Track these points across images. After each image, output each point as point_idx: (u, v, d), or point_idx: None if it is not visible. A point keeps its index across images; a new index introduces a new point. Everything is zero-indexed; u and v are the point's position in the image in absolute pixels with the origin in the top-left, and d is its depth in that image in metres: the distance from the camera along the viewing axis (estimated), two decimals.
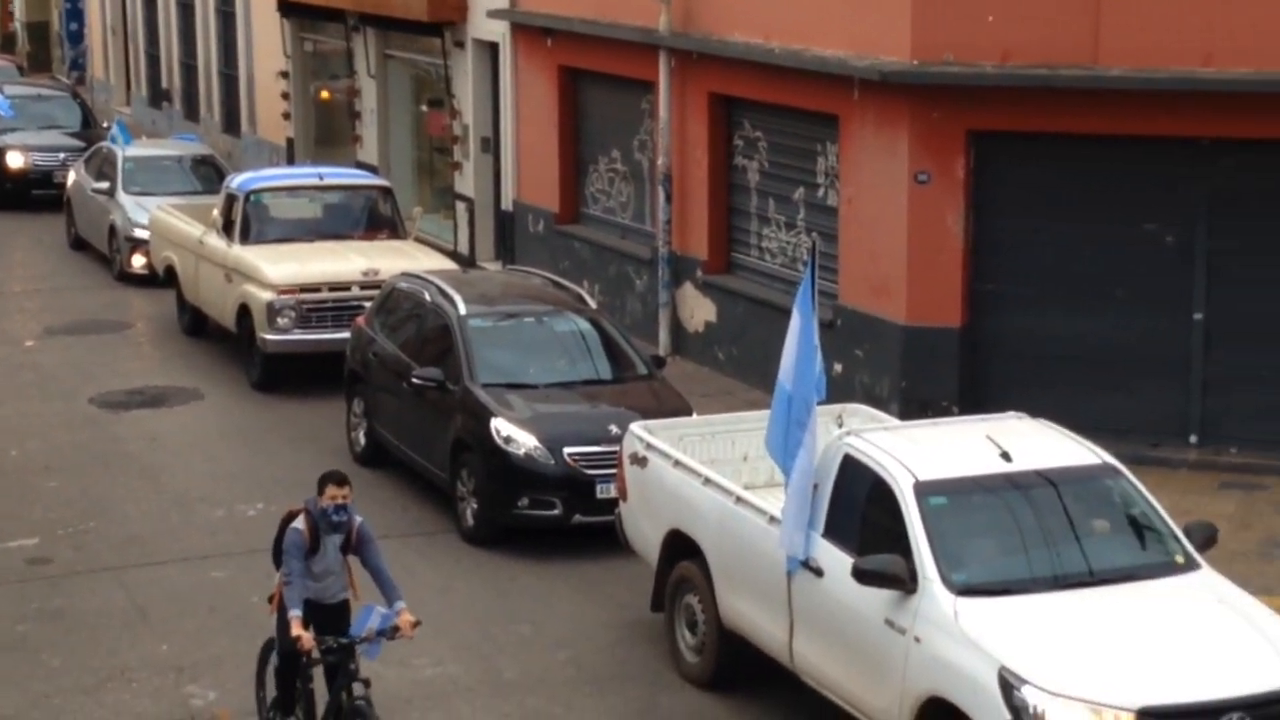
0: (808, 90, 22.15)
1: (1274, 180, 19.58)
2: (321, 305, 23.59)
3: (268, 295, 23.54)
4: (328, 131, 36.93)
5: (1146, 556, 13.52)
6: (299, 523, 13.00)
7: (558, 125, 27.99)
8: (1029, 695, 11.89)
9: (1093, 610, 12.71)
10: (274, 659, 13.42)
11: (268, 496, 19.74)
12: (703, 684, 15.18)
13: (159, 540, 18.66)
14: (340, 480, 13.01)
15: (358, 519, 13.10)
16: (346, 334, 21.97)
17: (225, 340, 25.37)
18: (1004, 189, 20.55)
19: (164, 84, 45.54)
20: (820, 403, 14.06)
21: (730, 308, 24.15)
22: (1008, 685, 11.97)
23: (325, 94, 36.66)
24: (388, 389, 20.39)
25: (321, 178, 26.54)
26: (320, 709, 13.24)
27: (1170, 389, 20.16)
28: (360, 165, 32.57)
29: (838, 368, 21.34)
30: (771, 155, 23.57)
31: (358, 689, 12.84)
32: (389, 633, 12.85)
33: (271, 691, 13.59)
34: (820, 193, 22.63)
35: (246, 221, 25.04)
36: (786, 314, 14.16)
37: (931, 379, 20.74)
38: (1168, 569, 13.35)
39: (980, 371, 20.74)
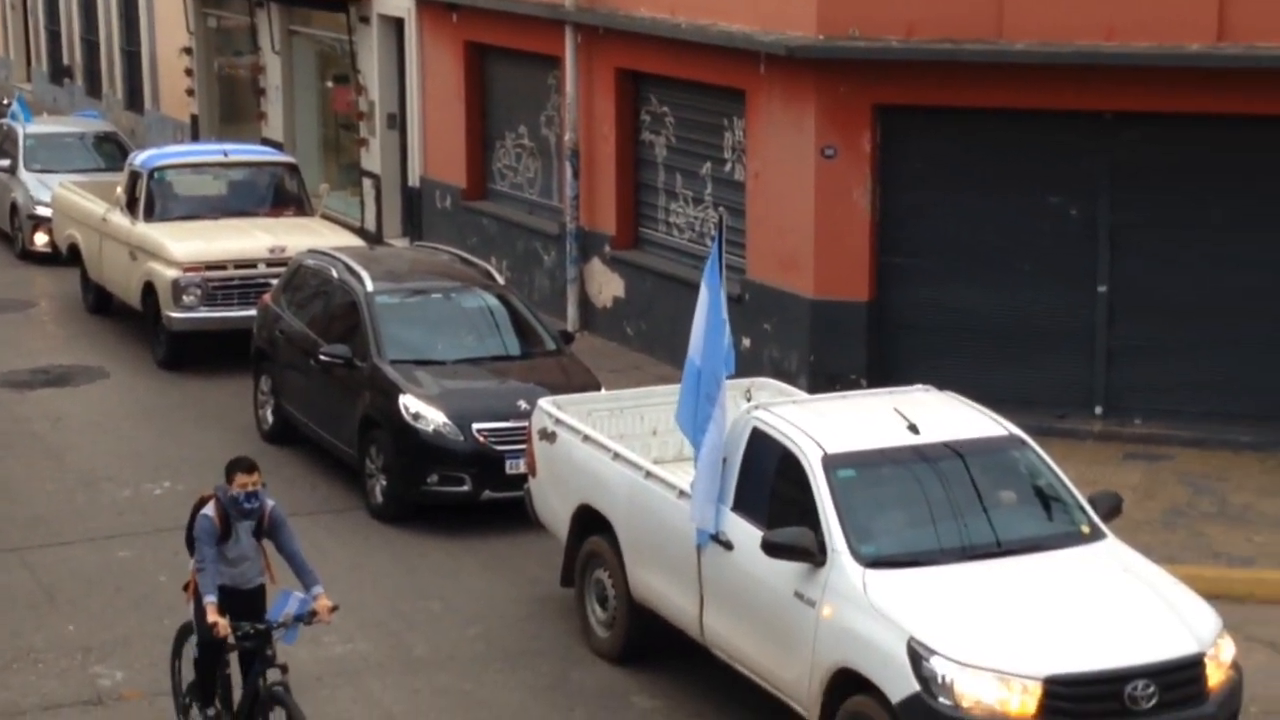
0: (714, 65, 22.17)
1: (1175, 153, 19.74)
2: (227, 283, 23.46)
3: (173, 273, 23.38)
4: (232, 108, 36.69)
5: (1053, 527, 13.60)
6: (209, 509, 12.89)
7: (464, 101, 27.91)
8: (938, 665, 11.96)
9: (1000, 581, 12.79)
10: (192, 647, 13.30)
11: (175, 475, 19.63)
12: (613, 658, 15.20)
13: (65, 520, 18.52)
14: (249, 467, 12.90)
15: (269, 503, 13.01)
16: (253, 312, 21.84)
17: (130, 318, 25.19)
18: (910, 163, 20.64)
19: (65, 60, 45.15)
20: (729, 377, 14.08)
21: (638, 283, 24.16)
22: (917, 656, 12.04)
23: (232, 69, 36.42)
24: (295, 366, 20.30)
25: (226, 154, 26.36)
26: (236, 695, 13.17)
27: (1075, 361, 20.31)
28: (266, 142, 32.40)
29: (746, 342, 21.39)
30: (679, 130, 23.58)
31: (275, 674, 12.73)
32: (306, 618, 12.76)
33: (187, 676, 13.49)
34: (727, 168, 22.66)
35: (151, 199, 24.85)
36: (695, 289, 14.17)
37: (839, 352, 20.82)
38: (1074, 539, 13.45)
39: (888, 344, 20.84)
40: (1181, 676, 12.17)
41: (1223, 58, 18.89)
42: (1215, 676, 12.35)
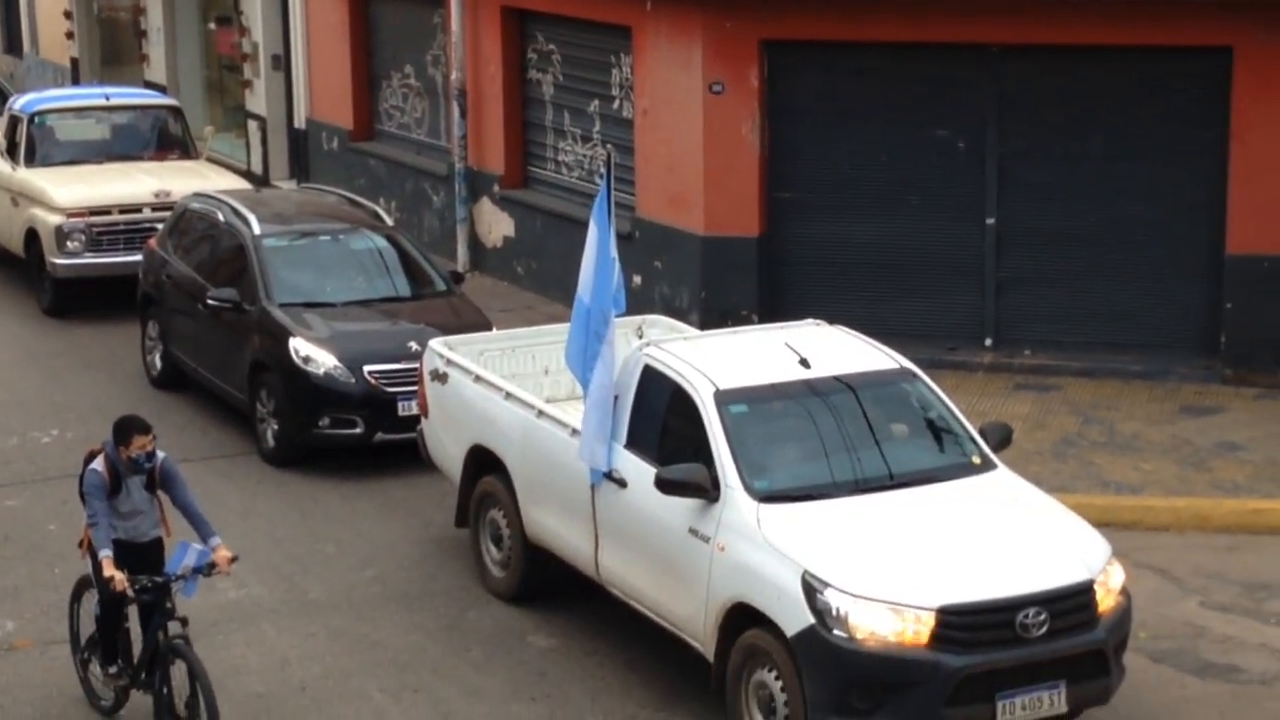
0: (600, 2, 22.09)
1: (1060, 85, 19.83)
2: (112, 228, 23.23)
3: (56, 219, 23.13)
4: (113, 51, 36.27)
5: (944, 458, 13.67)
6: (97, 464, 12.73)
7: (349, 42, 27.70)
8: (832, 598, 12.02)
9: (893, 513, 12.85)
10: (93, 604, 13.18)
11: (62, 423, 19.44)
12: (509, 598, 15.19)
13: None
14: (145, 429, 12.73)
15: (160, 455, 12.89)
16: (139, 257, 21.64)
17: (14, 265, 24.88)
18: (798, 98, 20.64)
19: None
20: (620, 315, 14.07)
21: (528, 222, 24.09)
22: (811, 589, 12.09)
23: (112, 11, 35.96)
24: (183, 311, 20.12)
25: (108, 98, 26.05)
26: (136, 649, 13.07)
27: (965, 293, 20.42)
28: (148, 85, 32.05)
29: (637, 280, 21.38)
30: (566, 68, 23.49)
31: (175, 627, 12.62)
32: (205, 569, 12.64)
33: (86, 630, 13.37)
34: (615, 105, 22.60)
35: (31, 144, 24.57)
36: (585, 227, 14.13)
37: (730, 288, 20.84)
38: (965, 470, 13.52)
39: (779, 280, 20.87)
40: (1072, 604, 12.27)
41: None
42: (1105, 603, 12.46)
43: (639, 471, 13.51)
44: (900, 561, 12.32)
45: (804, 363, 13.78)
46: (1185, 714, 13.33)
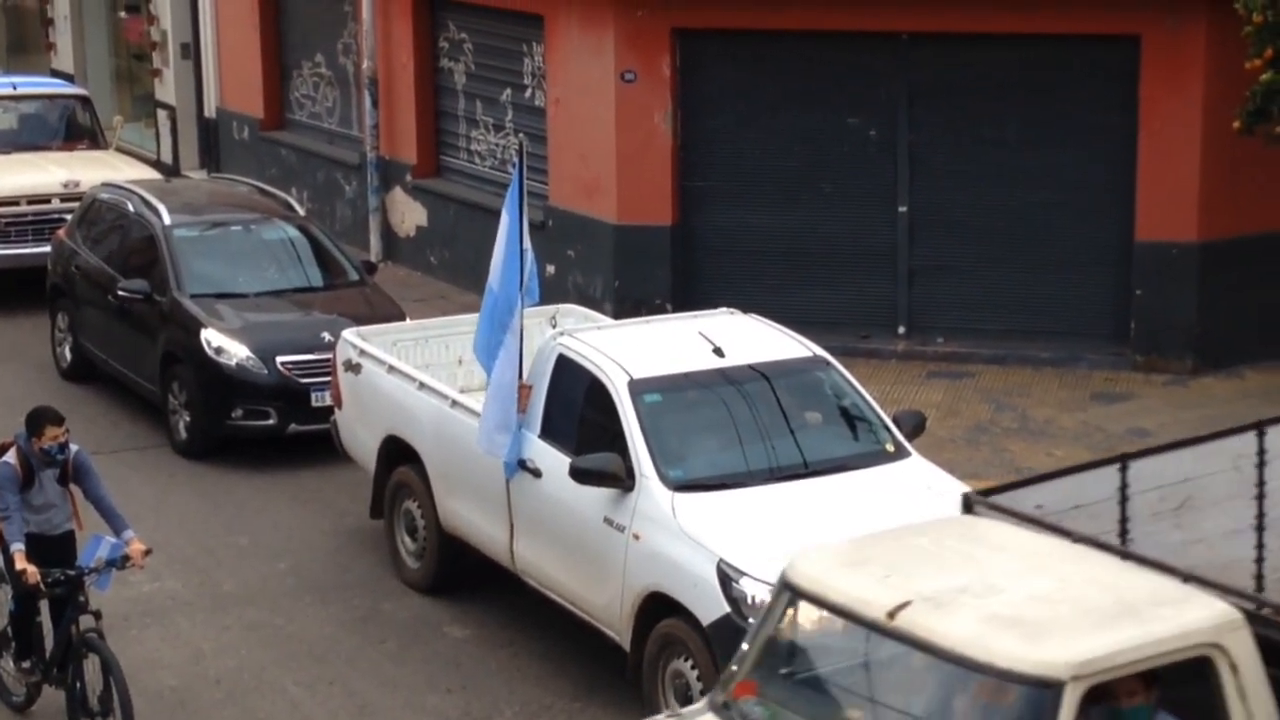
0: None
1: (970, 73, 19.93)
2: (20, 219, 23.02)
3: None
4: (19, 39, 35.93)
5: (858, 446, 13.72)
6: (9, 457, 12.66)
7: (259, 30, 27.54)
8: (747, 586, 12.06)
9: (807, 501, 12.90)
10: (5, 598, 13.08)
11: None
12: (424, 589, 15.17)
13: None
14: (57, 419, 12.69)
15: (73, 448, 12.82)
16: (47, 248, 21.44)
17: None
18: (710, 86, 20.67)
19: None
20: (534, 305, 14.06)
21: (441, 211, 24.03)
22: (726, 578, 12.13)
23: None
24: (93, 303, 19.98)
25: (15, 87, 25.77)
26: (49, 644, 12.97)
27: (878, 282, 20.50)
28: (55, 74, 31.76)
29: (551, 269, 21.36)
30: (478, 57, 23.43)
31: (87, 621, 12.55)
32: (119, 562, 12.57)
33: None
34: (528, 94, 22.57)
35: None
36: (498, 216, 14.12)
37: (644, 277, 20.86)
38: (879, 458, 13.59)
39: (692, 269, 20.90)
40: None
41: None
42: None
43: (554, 461, 13.51)
44: None
45: (718, 351, 13.81)
46: None
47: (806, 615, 9.89)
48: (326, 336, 17.76)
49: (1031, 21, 19.33)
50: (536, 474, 13.67)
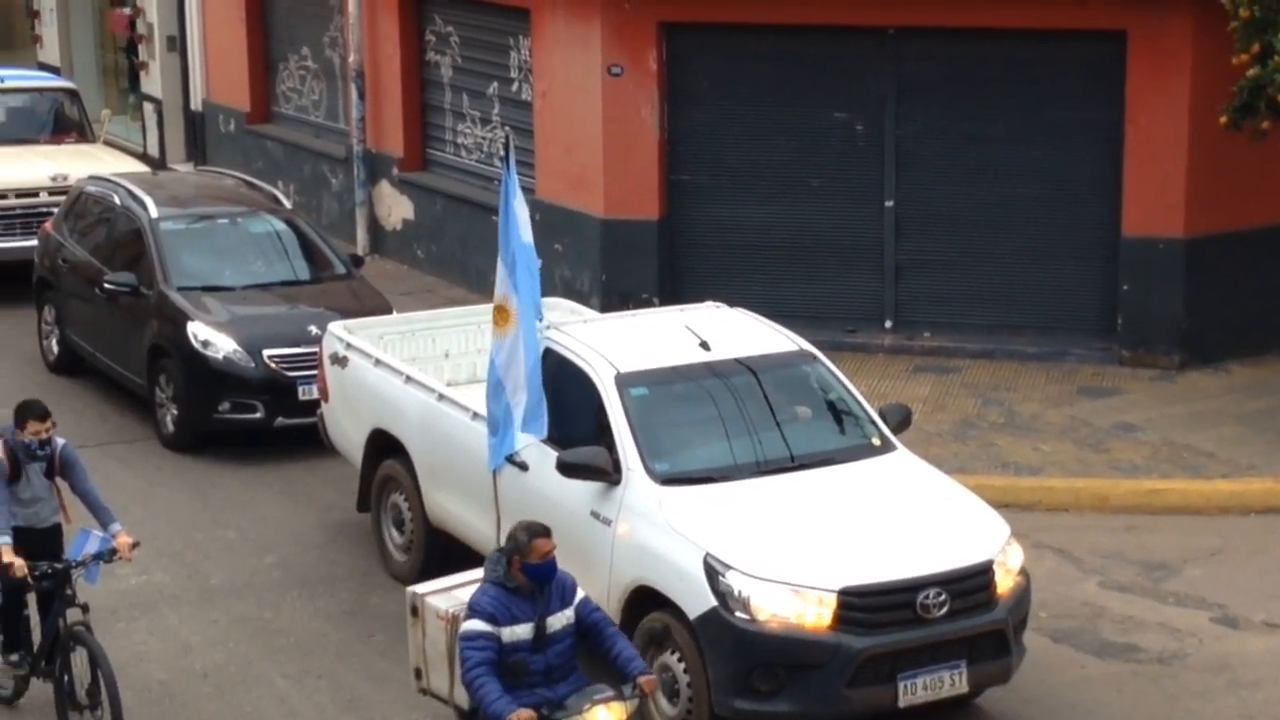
0: None
1: (955, 68, 19.95)
2: (9, 212, 23.00)
3: None
4: (5, 32, 35.87)
5: (845, 440, 13.76)
6: None
7: (245, 23, 27.52)
8: (733, 580, 12.08)
9: (794, 495, 12.92)
10: None
11: None
12: (411, 582, 15.07)
13: None
14: (41, 414, 12.68)
15: (60, 441, 12.83)
16: (35, 241, 21.43)
17: None
18: (697, 80, 20.68)
19: None
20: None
21: (428, 205, 24.02)
22: (713, 571, 12.14)
23: None
24: (80, 296, 19.97)
25: (3, 80, 25.75)
26: (35, 637, 12.97)
27: (865, 276, 20.51)
28: (42, 67, 31.72)
29: (538, 263, 21.28)
30: (464, 50, 23.43)
31: (75, 614, 12.55)
32: (107, 555, 12.59)
33: None
34: (514, 87, 22.56)
35: None
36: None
37: (631, 271, 20.87)
38: (865, 451, 13.62)
39: (679, 263, 20.91)
40: (971, 584, 12.38)
41: None
42: (1004, 583, 12.58)
43: (540, 454, 13.52)
44: (801, 543, 12.40)
45: (704, 345, 13.84)
46: (1085, 693, 13.47)
47: None
48: (313, 330, 17.77)
49: (1019, 16, 19.34)
50: (523, 467, 13.67)
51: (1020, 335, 20.04)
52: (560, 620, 10.92)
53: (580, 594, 11.11)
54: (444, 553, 14.97)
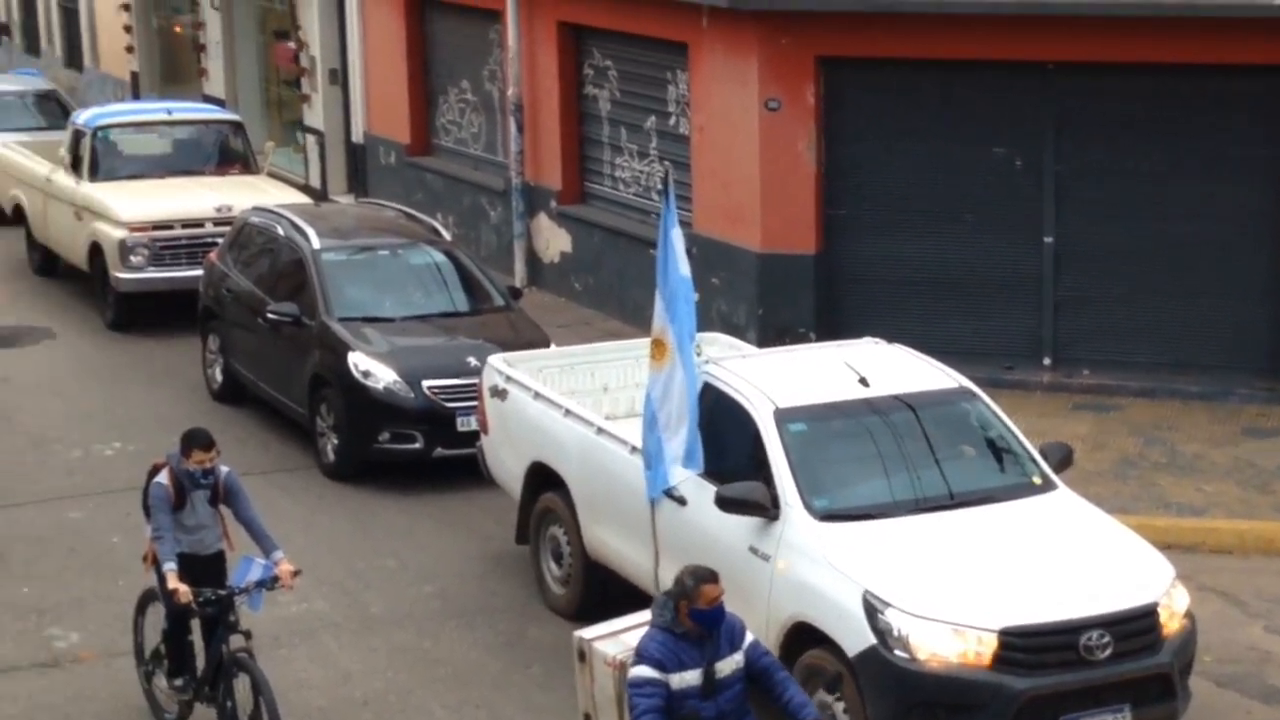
0: (656, 18, 22.14)
1: (1116, 102, 19.80)
2: (175, 242, 23.36)
3: (120, 233, 23.28)
4: (173, 65, 36.45)
5: (1004, 478, 13.68)
6: (162, 477, 12.87)
7: (406, 56, 27.81)
8: (893, 618, 12.04)
9: (953, 533, 12.87)
10: (153, 614, 13.29)
11: (124, 436, 19.58)
12: (569, 615, 15.22)
13: (15, 482, 18.46)
14: (206, 444, 12.84)
15: (224, 469, 13.01)
16: (200, 271, 21.76)
17: (78, 279, 25.04)
18: (854, 114, 20.67)
19: (2, 17, 44.74)
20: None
21: (585, 238, 24.15)
22: (872, 609, 12.11)
23: (178, 28, 36.12)
24: (243, 325, 20.25)
25: (170, 113, 26.21)
26: (200, 663, 13.17)
27: (1023, 312, 20.39)
28: (207, 99, 32.20)
29: (695, 296, 21.34)
30: (622, 84, 23.55)
31: (238, 640, 12.73)
32: (269, 583, 12.75)
33: (150, 643, 13.48)
34: (672, 121, 22.65)
35: (95, 158, 24.71)
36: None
37: (788, 306, 20.87)
38: (1026, 490, 13.53)
39: (836, 297, 20.89)
40: (1135, 626, 12.27)
41: (1164, 6, 18.94)
42: (1169, 625, 12.46)
43: (698, 489, 13.55)
44: (961, 582, 12.35)
45: (863, 381, 13.82)
46: None
47: None
48: (472, 361, 17.91)
49: (1180, 51, 19.18)
50: (681, 502, 13.71)
51: (1182, 373, 19.81)
52: (730, 665, 10.83)
53: (750, 637, 11.01)
54: (602, 586, 15.04)
